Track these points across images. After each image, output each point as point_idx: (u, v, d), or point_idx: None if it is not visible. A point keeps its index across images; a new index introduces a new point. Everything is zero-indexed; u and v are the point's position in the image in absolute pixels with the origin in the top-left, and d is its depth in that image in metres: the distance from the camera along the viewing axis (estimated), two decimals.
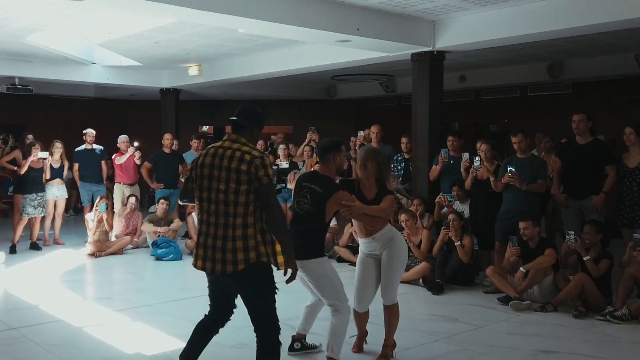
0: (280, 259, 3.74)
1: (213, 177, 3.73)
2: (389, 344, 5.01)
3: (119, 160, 10.68)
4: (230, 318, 4.07)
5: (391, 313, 4.98)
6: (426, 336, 5.64)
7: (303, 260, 4.49)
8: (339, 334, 4.61)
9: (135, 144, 11.02)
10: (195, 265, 3.88)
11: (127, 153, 10.64)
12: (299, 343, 5.11)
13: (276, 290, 3.81)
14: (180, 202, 5.29)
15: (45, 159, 9.88)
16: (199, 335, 4.02)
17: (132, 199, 10.19)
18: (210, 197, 3.76)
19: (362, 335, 5.19)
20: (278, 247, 3.74)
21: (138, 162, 10.69)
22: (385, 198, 4.81)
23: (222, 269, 3.69)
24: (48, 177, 9.98)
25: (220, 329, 4.09)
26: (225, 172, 3.68)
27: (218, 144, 3.85)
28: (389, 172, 4.94)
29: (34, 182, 9.78)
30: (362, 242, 5.01)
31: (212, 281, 3.96)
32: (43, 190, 9.92)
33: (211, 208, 3.76)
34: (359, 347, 5.18)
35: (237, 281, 3.77)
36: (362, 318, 5.08)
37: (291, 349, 5.08)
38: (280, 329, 3.83)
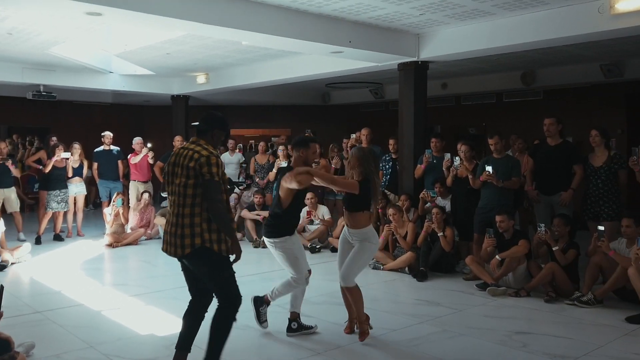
0: (223, 246, 3.83)
1: (175, 173, 3.90)
2: (362, 320, 4.96)
3: (134, 159, 10.65)
4: (211, 301, 4.12)
5: (351, 294, 4.94)
6: (411, 319, 5.64)
7: (265, 238, 4.95)
8: (283, 288, 5.01)
9: (149, 145, 10.99)
10: (162, 249, 4.04)
11: (142, 153, 10.61)
12: (296, 323, 5.10)
13: (231, 272, 3.91)
14: (162, 194, 5.42)
15: (68, 158, 9.86)
16: (187, 323, 4.09)
17: (146, 195, 10.18)
18: (173, 190, 3.94)
19: (352, 317, 5.13)
20: (222, 235, 3.83)
21: (151, 161, 10.65)
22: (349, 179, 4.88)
23: (174, 251, 3.87)
24: (70, 175, 9.97)
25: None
26: (181, 169, 3.84)
27: (183, 145, 4.05)
28: (370, 166, 4.85)
29: (57, 179, 9.75)
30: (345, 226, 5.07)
31: (182, 267, 4.09)
32: (66, 187, 9.88)
33: (172, 199, 3.94)
34: (350, 329, 5.14)
35: (189, 263, 3.93)
36: (345, 294, 5.02)
37: (289, 329, 5.07)
38: (235, 306, 3.92)
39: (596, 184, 6.86)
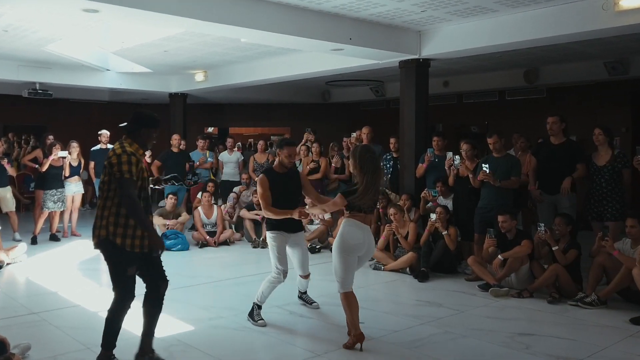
0: (128, 241, 4.03)
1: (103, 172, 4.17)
2: (353, 328, 4.76)
3: None
4: (158, 287, 4.31)
5: (342, 300, 4.77)
6: (413, 320, 5.63)
7: None
8: (265, 286, 5.34)
9: None
10: None
11: None
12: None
13: (124, 270, 4.10)
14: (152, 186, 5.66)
15: (65, 157, 9.84)
16: (143, 312, 4.35)
17: None
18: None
19: (355, 325, 4.75)
20: (129, 231, 4.03)
21: (148, 160, 10.64)
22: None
23: (93, 242, 4.17)
24: (67, 174, 9.96)
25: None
26: (103, 167, 4.14)
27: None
28: (364, 164, 4.73)
29: (54, 178, 9.73)
30: None
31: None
32: (62, 186, 9.87)
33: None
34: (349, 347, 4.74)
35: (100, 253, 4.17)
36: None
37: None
38: (121, 305, 4.16)
39: (600, 183, 6.85)
